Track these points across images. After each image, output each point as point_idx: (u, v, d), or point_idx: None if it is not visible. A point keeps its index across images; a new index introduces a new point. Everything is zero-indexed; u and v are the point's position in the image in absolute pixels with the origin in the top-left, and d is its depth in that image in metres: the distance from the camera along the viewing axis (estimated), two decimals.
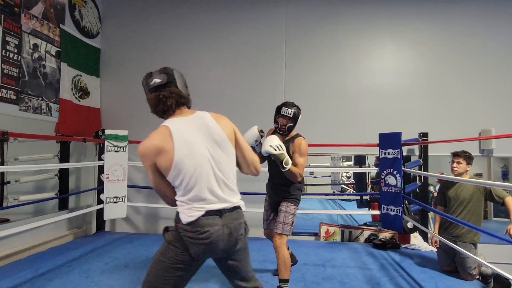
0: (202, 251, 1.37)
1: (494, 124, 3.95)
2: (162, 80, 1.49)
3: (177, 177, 1.36)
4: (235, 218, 1.44)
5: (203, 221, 1.35)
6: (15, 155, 3.30)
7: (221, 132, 1.41)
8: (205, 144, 1.39)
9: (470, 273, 2.68)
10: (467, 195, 2.80)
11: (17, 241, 3.24)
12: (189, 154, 1.36)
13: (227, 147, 1.43)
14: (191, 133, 1.40)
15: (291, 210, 2.41)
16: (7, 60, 3.27)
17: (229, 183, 1.42)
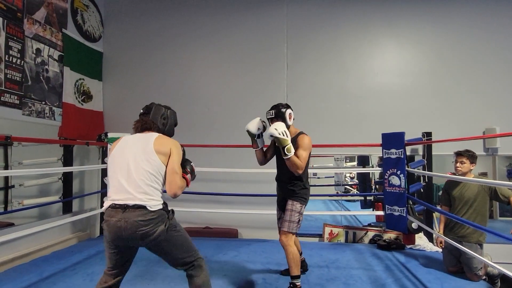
0: (108, 235, 1.67)
1: (499, 123, 3.92)
2: (143, 111, 2.03)
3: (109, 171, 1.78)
4: (134, 215, 1.61)
5: (108, 211, 1.67)
6: (19, 159, 3.32)
7: (151, 146, 1.73)
8: (133, 151, 1.74)
9: (476, 274, 2.64)
10: (472, 195, 2.77)
11: (21, 245, 3.26)
12: (116, 155, 1.77)
13: (152, 157, 1.71)
14: (130, 142, 1.80)
15: (297, 209, 2.40)
16: (10, 65, 3.29)
17: (141, 184, 1.66)
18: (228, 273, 2.79)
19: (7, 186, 3.25)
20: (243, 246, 3.60)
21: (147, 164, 1.68)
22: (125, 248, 1.74)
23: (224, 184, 4.30)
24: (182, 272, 1.86)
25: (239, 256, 3.27)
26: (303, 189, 2.45)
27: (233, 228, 4.29)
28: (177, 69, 4.67)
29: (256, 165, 4.10)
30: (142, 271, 2.79)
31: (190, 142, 3.48)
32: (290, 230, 2.37)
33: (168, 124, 1.97)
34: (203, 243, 3.65)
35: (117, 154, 1.77)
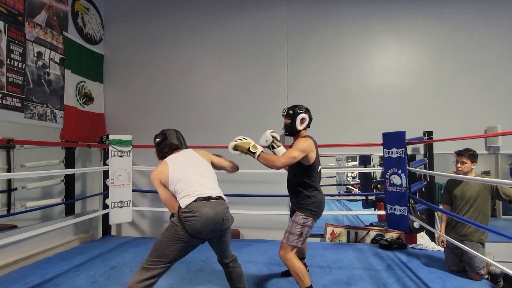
0: (195, 227, 1.88)
1: (500, 121, 3.91)
2: (159, 139, 2.30)
3: (173, 184, 2.04)
4: (220, 204, 2.01)
5: (194, 204, 1.90)
6: (22, 162, 3.35)
7: (197, 156, 2.24)
8: (187, 162, 2.16)
9: (479, 273, 2.64)
10: (473, 194, 2.77)
11: (24, 246, 3.28)
12: (178, 168, 2.10)
13: (202, 162, 2.22)
14: (180, 159, 2.20)
15: (299, 220, 2.26)
16: (11, 69, 3.31)
17: (209, 181, 2.09)
18: None
19: (10, 189, 3.27)
20: (245, 247, 3.61)
21: (203, 167, 2.20)
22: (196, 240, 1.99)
23: (226, 184, 4.27)
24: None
25: (240, 256, 3.24)
26: (307, 199, 2.30)
27: (234, 229, 4.29)
28: (177, 70, 4.68)
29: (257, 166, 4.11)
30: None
31: (191, 143, 3.47)
32: (288, 242, 2.24)
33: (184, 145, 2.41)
34: (205, 244, 3.64)
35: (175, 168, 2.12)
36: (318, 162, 2.37)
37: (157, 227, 4.57)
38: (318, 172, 2.37)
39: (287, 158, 2.16)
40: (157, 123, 4.56)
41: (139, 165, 4.27)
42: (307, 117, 2.38)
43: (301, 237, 2.23)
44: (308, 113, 2.41)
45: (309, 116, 2.40)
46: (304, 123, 2.37)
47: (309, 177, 2.31)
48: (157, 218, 4.55)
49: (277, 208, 4.26)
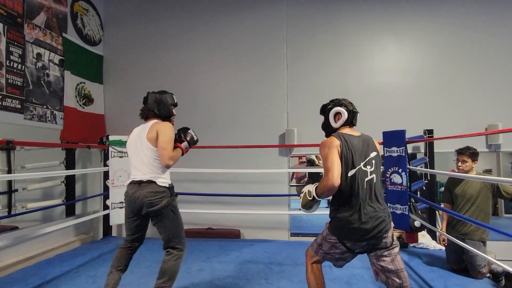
0: (126, 206, 2.11)
1: (501, 119, 3.89)
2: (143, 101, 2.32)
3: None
4: (142, 187, 2.03)
5: (127, 186, 2.11)
6: (22, 163, 3.35)
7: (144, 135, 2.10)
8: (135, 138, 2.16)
9: (480, 271, 2.63)
10: (474, 192, 2.76)
11: (25, 248, 3.29)
12: (129, 144, 2.20)
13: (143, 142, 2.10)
14: (135, 133, 2.21)
15: (323, 233, 1.91)
16: (11, 70, 3.32)
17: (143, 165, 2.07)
18: (231, 274, 2.79)
19: (10, 190, 3.27)
20: (246, 247, 3.60)
21: (142, 148, 2.09)
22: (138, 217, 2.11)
23: (226, 185, 4.31)
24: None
25: (241, 256, 3.27)
26: (333, 219, 1.85)
27: (235, 229, 4.29)
28: (177, 71, 4.68)
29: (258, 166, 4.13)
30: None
31: None
32: (311, 247, 1.96)
33: (163, 107, 2.22)
34: (206, 244, 3.66)
35: (128, 144, 2.21)
36: (354, 163, 1.79)
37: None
38: (354, 177, 1.78)
39: (327, 173, 1.74)
40: None
41: None
42: (345, 110, 1.92)
43: (320, 249, 1.90)
44: (346, 106, 1.94)
45: (348, 110, 1.93)
46: (341, 117, 1.93)
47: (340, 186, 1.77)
48: None
49: (278, 208, 4.26)
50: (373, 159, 1.85)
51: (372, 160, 1.85)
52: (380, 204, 1.82)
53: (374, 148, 1.90)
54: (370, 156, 1.85)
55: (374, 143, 1.92)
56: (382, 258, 1.79)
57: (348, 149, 1.80)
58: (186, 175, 4.37)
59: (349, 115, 1.93)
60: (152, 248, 3.54)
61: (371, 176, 1.82)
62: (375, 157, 1.87)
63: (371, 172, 1.83)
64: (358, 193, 1.77)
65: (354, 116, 1.96)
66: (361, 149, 1.84)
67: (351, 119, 1.94)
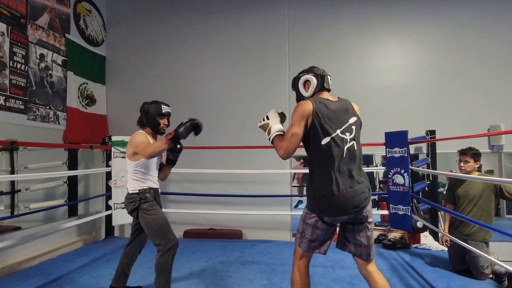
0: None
1: (503, 119, 3.88)
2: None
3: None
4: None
5: None
6: (25, 163, 3.36)
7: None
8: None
9: (483, 272, 2.62)
10: (477, 193, 2.75)
11: (28, 248, 3.29)
12: None
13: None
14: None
15: (302, 215, 1.78)
16: (14, 71, 3.33)
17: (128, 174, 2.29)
18: (233, 274, 2.79)
19: (13, 191, 3.28)
20: (248, 247, 3.60)
21: (127, 164, 2.28)
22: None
23: (228, 185, 4.31)
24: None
25: (243, 257, 3.28)
26: (310, 190, 1.71)
27: (237, 229, 4.29)
28: (179, 72, 4.69)
29: (258, 166, 4.11)
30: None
31: (194, 144, 3.49)
32: (295, 242, 1.80)
33: (147, 117, 2.37)
34: (208, 244, 3.66)
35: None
36: (329, 130, 1.63)
37: None
38: (330, 145, 1.62)
39: (287, 140, 1.65)
40: None
41: None
42: (311, 77, 1.78)
43: (303, 237, 1.73)
44: (314, 72, 1.80)
45: (317, 75, 1.79)
46: (310, 85, 1.78)
47: (313, 155, 1.68)
48: None
49: (279, 208, 4.26)
50: (352, 125, 1.70)
51: (352, 126, 1.70)
52: (360, 175, 1.68)
53: (354, 113, 1.75)
54: (348, 122, 1.69)
55: (353, 108, 1.78)
56: (359, 232, 1.72)
57: (323, 114, 1.64)
58: (188, 175, 4.38)
59: (318, 79, 1.78)
60: (154, 248, 3.55)
61: (351, 143, 1.67)
62: (354, 122, 1.72)
63: (351, 139, 1.67)
64: (335, 161, 1.62)
65: (324, 80, 1.80)
66: (338, 114, 1.68)
67: (322, 83, 1.79)
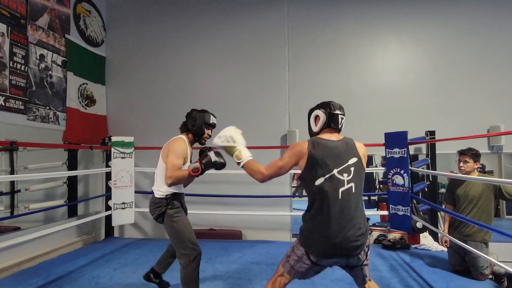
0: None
1: (503, 120, 3.89)
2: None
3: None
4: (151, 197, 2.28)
5: None
6: (25, 164, 3.36)
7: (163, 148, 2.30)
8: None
9: (482, 273, 2.62)
10: (476, 193, 2.75)
11: (28, 248, 3.29)
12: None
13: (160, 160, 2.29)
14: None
15: (295, 242, 1.76)
16: (14, 71, 3.33)
17: (156, 175, 2.29)
18: (233, 275, 2.79)
19: (13, 191, 3.28)
20: (247, 248, 3.61)
21: (158, 165, 2.28)
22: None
23: (228, 185, 4.31)
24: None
25: (243, 257, 3.28)
26: (304, 224, 1.70)
27: (237, 230, 4.29)
28: (179, 72, 4.69)
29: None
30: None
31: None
32: (281, 261, 1.80)
33: (194, 123, 2.32)
34: (208, 245, 3.66)
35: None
36: (323, 171, 1.61)
37: (159, 228, 4.58)
38: (323, 186, 1.59)
39: (272, 168, 1.71)
40: (159, 125, 4.59)
41: (141, 166, 4.27)
42: (321, 113, 1.77)
43: (287, 262, 1.72)
44: (325, 108, 1.77)
45: (326, 112, 1.76)
46: (320, 120, 1.77)
47: (309, 194, 1.67)
48: None
49: (279, 209, 4.26)
50: (351, 166, 1.64)
51: (351, 168, 1.63)
52: (355, 219, 1.60)
53: (355, 153, 1.68)
54: (348, 163, 1.63)
55: (355, 148, 1.71)
56: (355, 272, 1.74)
57: (318, 156, 1.62)
58: None
59: (328, 117, 1.75)
60: (154, 249, 3.55)
61: (349, 185, 1.60)
62: (355, 163, 1.65)
63: (348, 180, 1.61)
64: (329, 204, 1.57)
65: (333, 119, 1.75)
66: (336, 154, 1.64)
67: (330, 122, 1.75)
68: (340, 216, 1.58)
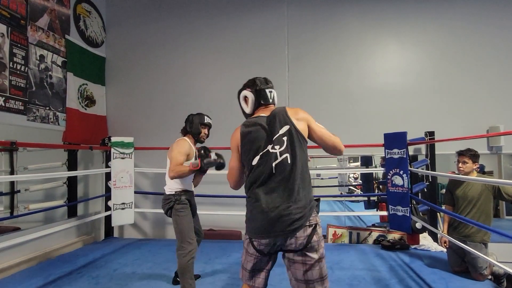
0: None
1: (502, 121, 3.89)
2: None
3: None
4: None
5: None
6: (24, 164, 3.37)
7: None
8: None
9: (482, 273, 2.62)
10: (476, 194, 2.76)
11: (27, 249, 3.30)
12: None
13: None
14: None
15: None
16: (14, 72, 3.34)
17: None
18: (233, 275, 2.80)
19: (13, 191, 3.29)
20: None
21: (167, 164, 2.47)
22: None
23: (227, 186, 4.30)
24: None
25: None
26: (246, 208, 1.59)
27: (237, 230, 4.29)
28: (179, 73, 4.69)
29: None
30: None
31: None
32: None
33: (191, 125, 2.59)
34: (207, 245, 3.66)
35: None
36: (257, 150, 1.51)
37: (159, 228, 4.58)
38: (259, 164, 1.50)
39: (228, 174, 1.71)
40: (159, 125, 4.59)
41: (141, 167, 4.28)
42: (248, 92, 1.67)
43: (241, 267, 1.58)
44: (251, 87, 1.68)
45: (253, 90, 1.66)
46: (249, 101, 1.68)
47: (247, 177, 1.58)
48: (159, 219, 4.56)
49: None
50: (284, 136, 1.50)
51: (283, 137, 1.50)
52: (291, 194, 1.44)
53: (286, 121, 1.53)
54: (279, 133, 1.50)
55: (286, 115, 1.55)
56: (293, 263, 1.48)
57: (250, 135, 1.53)
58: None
59: (255, 95, 1.65)
60: (153, 249, 3.56)
61: (282, 157, 1.48)
62: (285, 132, 1.51)
63: (281, 152, 1.48)
64: (262, 179, 1.47)
65: (261, 95, 1.64)
66: (267, 129, 1.52)
67: (259, 99, 1.65)
68: (275, 190, 1.45)
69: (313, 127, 1.63)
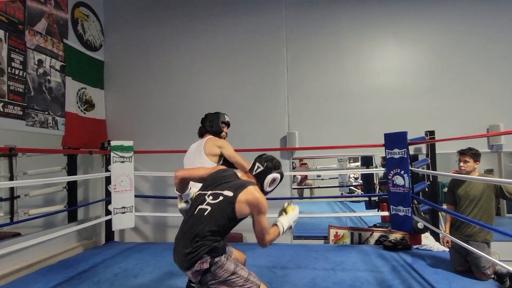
0: None
1: (502, 119, 3.89)
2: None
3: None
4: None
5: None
6: (24, 169, 3.36)
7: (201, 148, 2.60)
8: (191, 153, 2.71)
9: (485, 273, 2.61)
10: (477, 193, 2.75)
11: (28, 254, 3.28)
12: (187, 157, 2.74)
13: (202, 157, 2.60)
14: (193, 147, 2.73)
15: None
16: (13, 77, 3.33)
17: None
18: None
19: (12, 197, 3.28)
20: (248, 250, 3.56)
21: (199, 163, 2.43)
22: None
23: None
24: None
25: None
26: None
27: (238, 233, 4.27)
28: (177, 75, 4.69)
29: None
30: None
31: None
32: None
33: (212, 124, 2.66)
34: None
35: (185, 157, 2.61)
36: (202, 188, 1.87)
37: (159, 232, 4.57)
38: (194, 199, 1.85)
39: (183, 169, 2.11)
40: (158, 128, 4.59)
41: (141, 170, 4.27)
42: (278, 176, 1.99)
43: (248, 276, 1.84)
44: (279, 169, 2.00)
45: (280, 174, 1.99)
46: (274, 184, 2.02)
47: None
48: (160, 223, 4.55)
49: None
50: (221, 196, 1.69)
51: (220, 196, 1.68)
52: (195, 238, 1.60)
53: (234, 191, 1.69)
54: (221, 192, 1.70)
55: (241, 189, 1.70)
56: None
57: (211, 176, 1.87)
58: None
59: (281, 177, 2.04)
60: (155, 253, 3.54)
61: (205, 206, 1.68)
62: (225, 197, 1.68)
63: (209, 203, 1.68)
64: (187, 214, 1.74)
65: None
66: (219, 179, 1.81)
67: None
68: (187, 228, 1.67)
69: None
